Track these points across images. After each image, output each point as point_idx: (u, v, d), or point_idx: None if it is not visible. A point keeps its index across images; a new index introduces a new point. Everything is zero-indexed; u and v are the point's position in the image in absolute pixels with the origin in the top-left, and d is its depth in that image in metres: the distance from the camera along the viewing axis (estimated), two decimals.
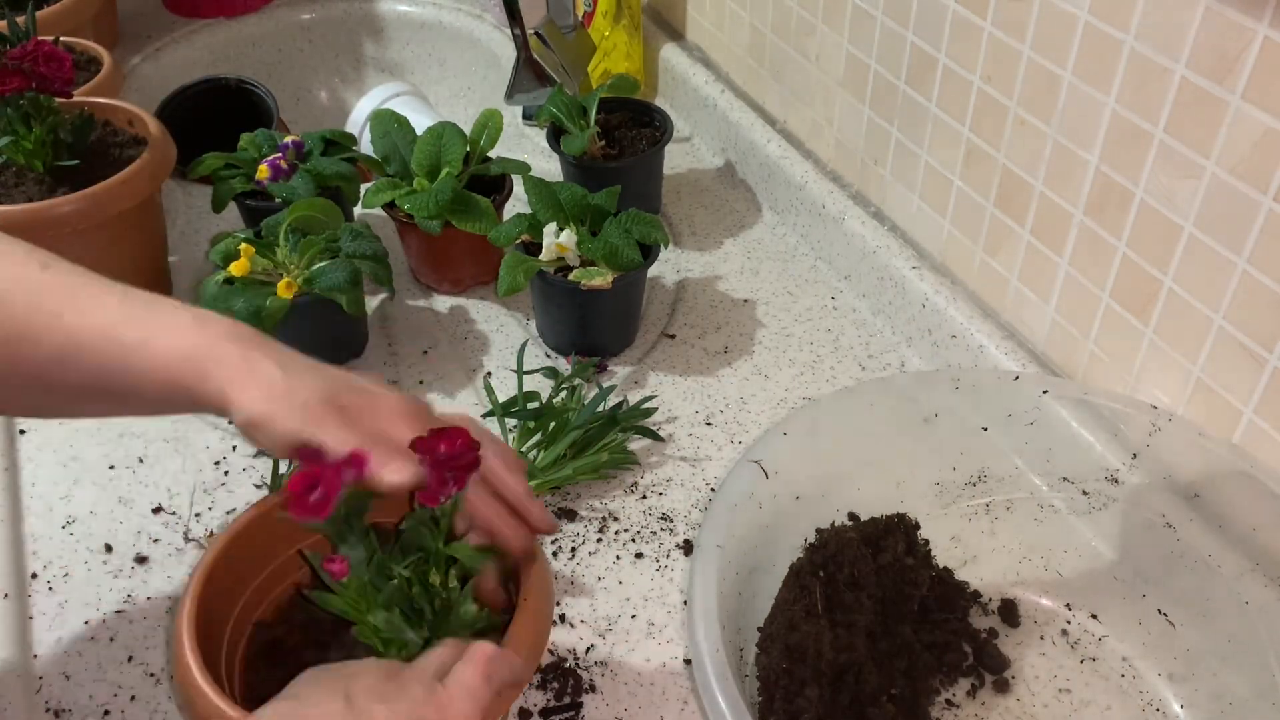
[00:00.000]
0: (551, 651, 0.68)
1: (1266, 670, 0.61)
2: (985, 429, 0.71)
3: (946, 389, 0.70)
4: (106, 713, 0.65)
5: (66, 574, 0.73)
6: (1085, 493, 0.70)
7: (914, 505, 0.70)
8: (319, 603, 0.52)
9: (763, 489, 0.64)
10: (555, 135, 1.01)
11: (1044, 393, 0.69)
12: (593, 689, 0.66)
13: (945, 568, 0.71)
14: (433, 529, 0.52)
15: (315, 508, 0.47)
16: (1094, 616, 0.70)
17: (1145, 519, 0.67)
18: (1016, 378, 0.70)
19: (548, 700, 0.65)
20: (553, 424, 0.78)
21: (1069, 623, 0.70)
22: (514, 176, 0.96)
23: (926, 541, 0.69)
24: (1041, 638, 0.70)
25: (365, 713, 0.46)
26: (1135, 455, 0.67)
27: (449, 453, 0.50)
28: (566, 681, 0.66)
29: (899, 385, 0.72)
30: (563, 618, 0.70)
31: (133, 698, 0.66)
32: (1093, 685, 0.67)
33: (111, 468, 0.80)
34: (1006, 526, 0.72)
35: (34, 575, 0.73)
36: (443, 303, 0.97)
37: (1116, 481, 0.68)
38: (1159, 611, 0.67)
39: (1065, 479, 0.70)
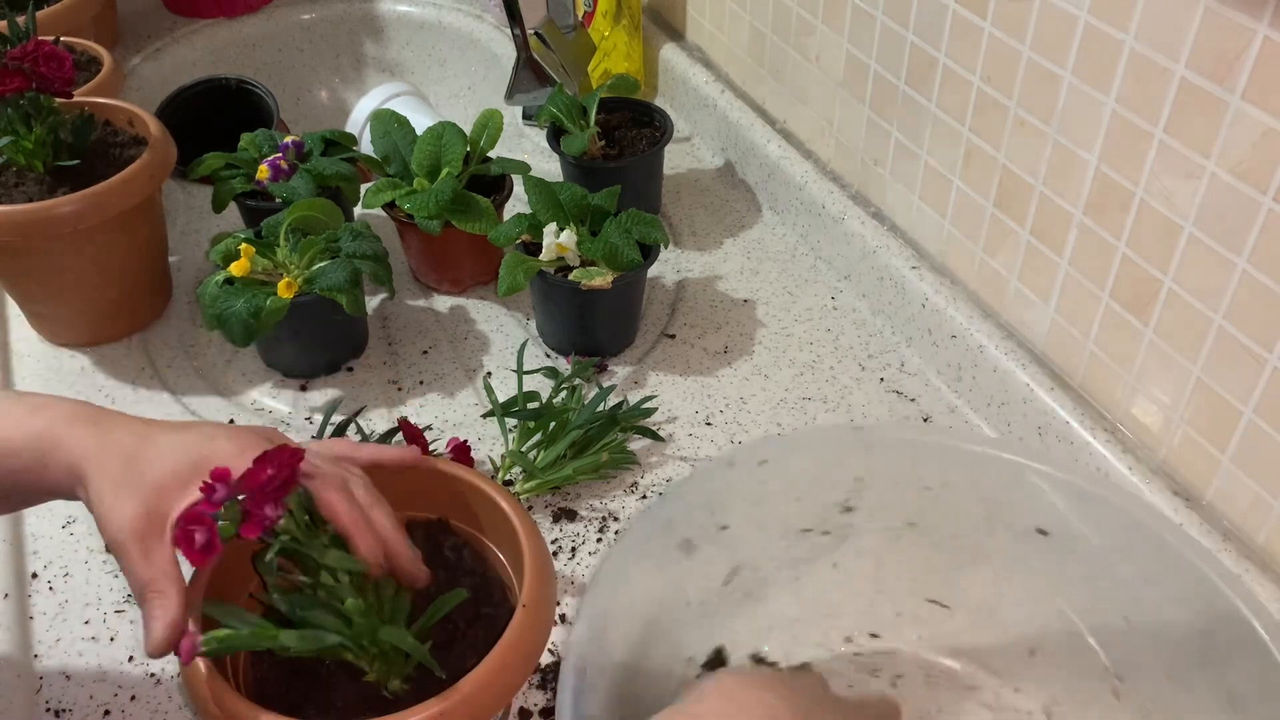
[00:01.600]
0: (551, 651, 0.68)
1: None
2: None
3: None
4: (106, 713, 0.65)
5: (67, 574, 0.73)
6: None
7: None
8: (282, 653, 0.53)
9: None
10: (555, 135, 1.01)
11: None
12: None
13: None
14: (309, 539, 0.52)
15: (207, 549, 0.48)
16: None
17: None
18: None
19: (548, 699, 0.65)
20: (553, 424, 0.78)
21: None
22: (514, 176, 0.96)
23: None
24: None
25: None
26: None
27: (256, 483, 0.48)
28: None
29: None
30: (563, 618, 0.70)
31: (133, 697, 0.66)
32: None
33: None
34: None
35: (34, 575, 0.73)
36: (443, 303, 0.97)
37: None
38: None
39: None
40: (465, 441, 0.75)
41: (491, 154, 0.96)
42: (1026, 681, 0.66)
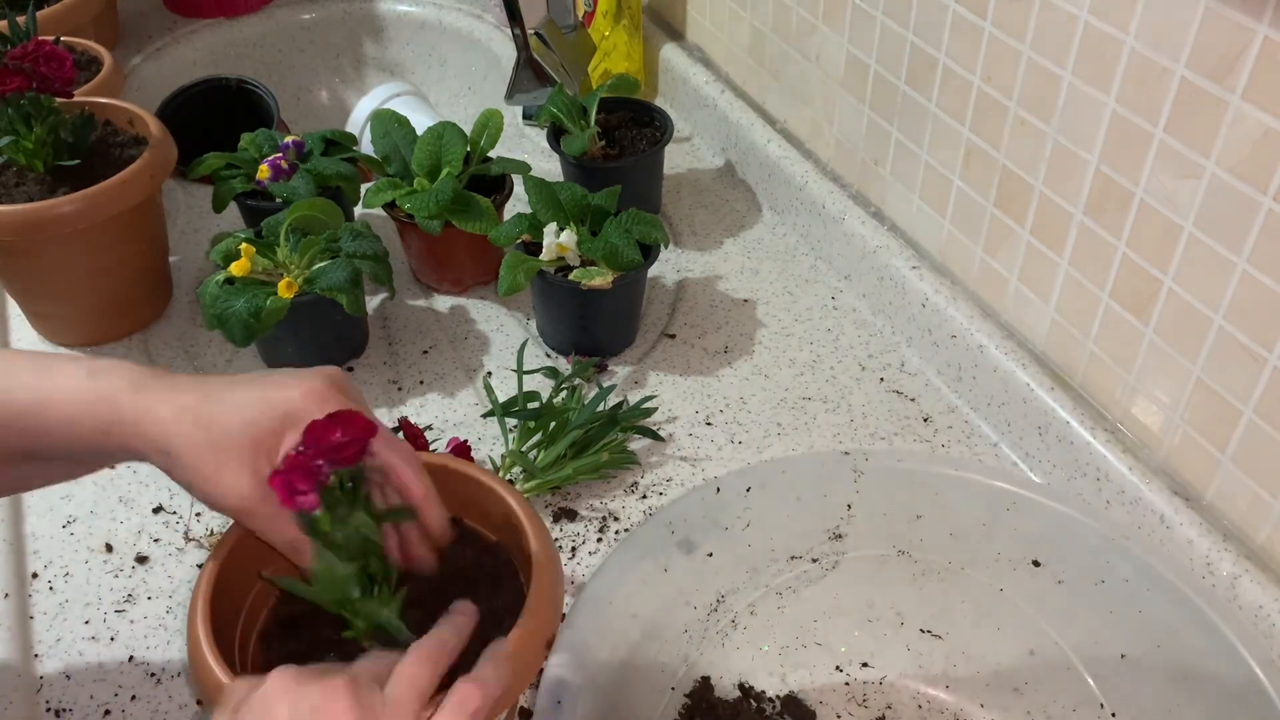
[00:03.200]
0: None
1: None
2: None
3: None
4: (107, 713, 0.65)
5: (67, 574, 0.73)
6: None
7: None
8: (287, 588, 0.53)
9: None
10: (555, 135, 1.01)
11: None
12: None
13: None
14: (350, 504, 0.51)
15: (308, 502, 0.49)
16: None
17: None
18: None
19: None
20: (553, 424, 0.78)
21: None
22: (514, 176, 0.96)
23: None
24: None
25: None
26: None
27: (323, 442, 0.48)
28: None
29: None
30: (563, 617, 0.70)
31: (133, 697, 0.66)
32: None
33: (112, 467, 0.80)
34: None
35: (34, 575, 0.73)
36: (443, 303, 0.97)
37: None
38: None
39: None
40: (465, 441, 0.75)
41: (491, 154, 0.96)
42: (1018, 713, 0.66)
